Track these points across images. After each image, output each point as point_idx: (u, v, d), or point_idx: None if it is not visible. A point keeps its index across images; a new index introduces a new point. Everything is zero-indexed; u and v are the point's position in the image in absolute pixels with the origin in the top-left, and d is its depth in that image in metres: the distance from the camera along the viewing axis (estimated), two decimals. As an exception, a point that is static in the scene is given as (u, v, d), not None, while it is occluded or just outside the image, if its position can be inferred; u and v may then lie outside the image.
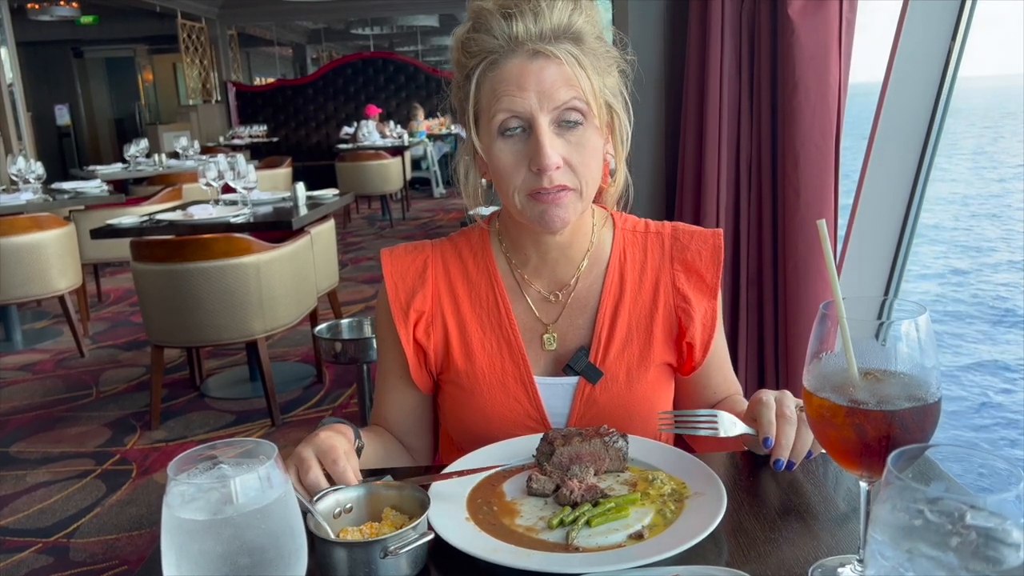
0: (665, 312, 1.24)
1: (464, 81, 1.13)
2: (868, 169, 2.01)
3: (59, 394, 4.29)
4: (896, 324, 0.75)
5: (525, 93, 1.06)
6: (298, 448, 1.01)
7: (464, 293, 1.26)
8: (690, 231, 1.28)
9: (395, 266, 1.27)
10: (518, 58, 1.07)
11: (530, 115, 1.07)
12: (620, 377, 1.22)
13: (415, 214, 10.22)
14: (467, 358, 1.23)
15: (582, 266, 1.25)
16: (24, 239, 4.50)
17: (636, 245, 1.28)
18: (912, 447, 0.59)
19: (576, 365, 1.22)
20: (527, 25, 1.07)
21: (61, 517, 2.97)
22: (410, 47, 18.83)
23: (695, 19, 2.03)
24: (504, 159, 1.10)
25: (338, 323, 2.38)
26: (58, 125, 14.87)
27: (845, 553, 0.86)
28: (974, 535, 0.53)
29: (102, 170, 7.24)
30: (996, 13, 4.22)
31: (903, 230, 2.06)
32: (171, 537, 0.67)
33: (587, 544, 0.89)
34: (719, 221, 2.07)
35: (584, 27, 1.09)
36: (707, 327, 1.24)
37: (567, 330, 1.25)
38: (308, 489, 0.96)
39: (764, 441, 1.02)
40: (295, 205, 4.18)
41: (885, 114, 1.96)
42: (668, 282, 1.25)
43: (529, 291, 1.26)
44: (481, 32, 1.09)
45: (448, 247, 1.29)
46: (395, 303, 1.24)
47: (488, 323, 1.24)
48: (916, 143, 1.98)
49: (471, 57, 1.11)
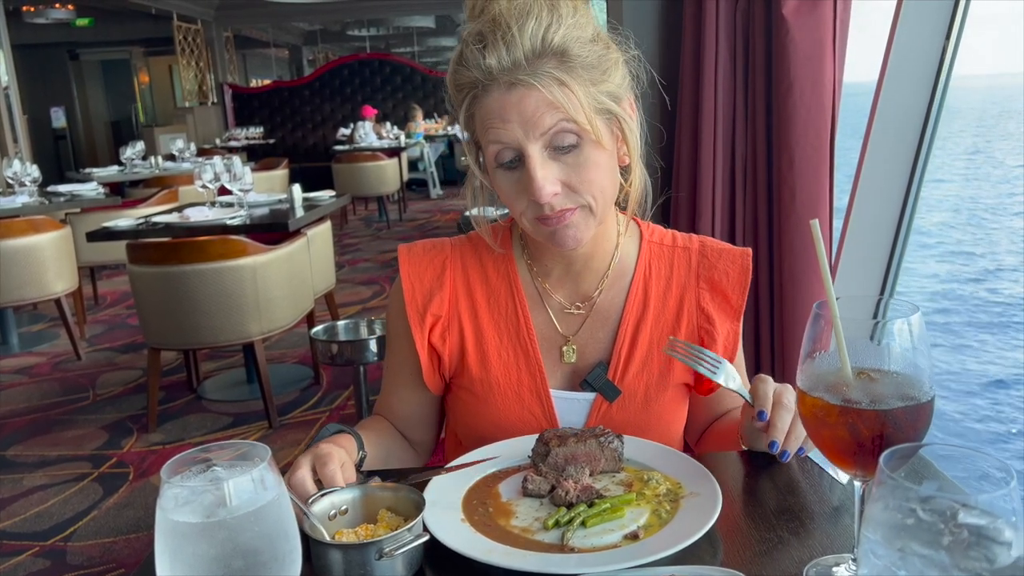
0: (687, 331, 1.22)
1: (460, 111, 1.10)
2: (863, 168, 2.02)
3: (56, 397, 4.29)
4: (889, 323, 0.75)
5: (508, 125, 1.02)
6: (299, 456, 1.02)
7: (483, 298, 1.22)
8: (718, 249, 1.25)
9: (413, 266, 1.23)
10: (497, 91, 1.03)
11: (518, 145, 1.03)
12: (638, 396, 1.20)
13: (412, 215, 10.22)
14: (482, 366, 1.21)
15: (606, 277, 1.22)
16: (20, 242, 4.50)
17: (663, 259, 1.24)
18: (904, 446, 0.60)
19: (594, 382, 1.19)
20: (499, 56, 1.01)
21: (58, 520, 2.96)
22: (406, 48, 18.83)
23: (689, 19, 2.03)
24: (506, 188, 1.08)
25: (335, 325, 2.38)
26: (54, 128, 14.84)
27: (840, 552, 0.86)
28: (966, 533, 0.53)
29: (98, 173, 7.24)
30: (990, 13, 4.25)
31: (898, 229, 2.06)
32: (165, 540, 0.67)
33: (583, 545, 0.89)
34: (714, 221, 2.08)
35: (566, 39, 1.03)
36: (728, 349, 1.22)
37: (587, 343, 1.22)
38: (294, 489, 0.95)
39: (759, 414, 1.02)
40: (291, 207, 4.18)
41: (880, 113, 1.96)
42: (693, 300, 1.22)
43: (550, 301, 1.23)
44: (463, 65, 1.05)
45: (468, 248, 1.25)
46: (411, 305, 1.21)
47: (506, 331, 1.21)
48: (911, 142, 1.99)
49: (459, 91, 1.08)
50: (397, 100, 12.71)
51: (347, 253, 7.94)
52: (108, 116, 16.28)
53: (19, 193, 5.30)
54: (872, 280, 2.11)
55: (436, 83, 12.79)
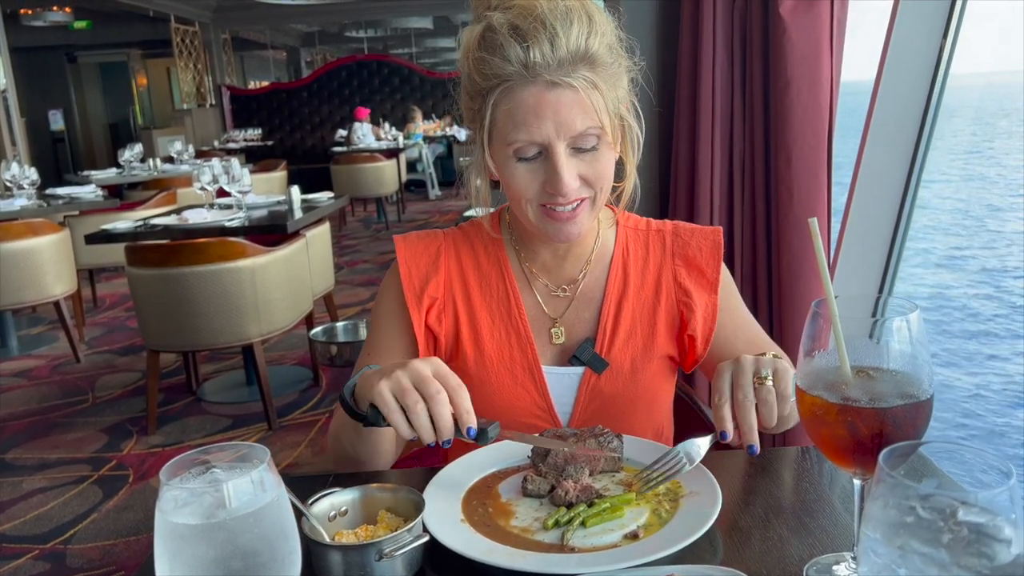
0: (667, 306, 1.27)
1: (479, 100, 1.11)
2: (861, 167, 2.02)
3: (55, 400, 4.28)
4: (888, 321, 0.75)
5: (543, 122, 1.06)
6: (395, 368, 0.98)
7: (475, 282, 1.28)
8: (690, 229, 1.31)
9: (409, 251, 1.28)
10: (535, 87, 1.06)
11: (547, 143, 1.08)
12: (625, 368, 1.25)
13: (411, 216, 10.22)
14: (476, 346, 1.25)
15: (589, 262, 1.28)
16: (19, 245, 4.49)
17: (639, 242, 1.31)
18: (903, 444, 0.60)
19: (582, 355, 1.24)
20: (543, 53, 1.04)
21: (58, 523, 2.96)
22: (404, 49, 18.82)
23: (687, 19, 2.03)
24: (519, 179, 1.12)
25: (333, 326, 2.38)
26: (52, 130, 14.83)
27: (840, 551, 0.86)
28: (965, 531, 0.53)
29: (96, 175, 7.23)
30: (988, 12, 4.25)
31: (897, 227, 2.06)
32: (164, 542, 0.67)
33: (582, 544, 0.89)
34: (713, 220, 2.08)
35: (599, 48, 1.07)
36: (708, 320, 1.26)
37: (573, 323, 1.28)
38: (440, 431, 0.94)
39: (721, 435, 0.99)
40: (290, 208, 4.18)
41: (878, 112, 1.96)
42: (670, 277, 1.28)
43: (537, 285, 1.28)
44: (495, 56, 1.06)
45: (460, 236, 1.31)
46: (408, 287, 1.26)
47: (498, 312, 1.26)
48: (909, 140, 1.99)
49: (485, 79, 1.09)
50: (395, 101, 12.71)
51: (346, 254, 7.94)
52: (106, 118, 16.27)
53: (17, 196, 5.29)
54: (871, 278, 2.11)
55: (434, 84, 12.79)
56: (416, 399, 0.95)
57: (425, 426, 0.95)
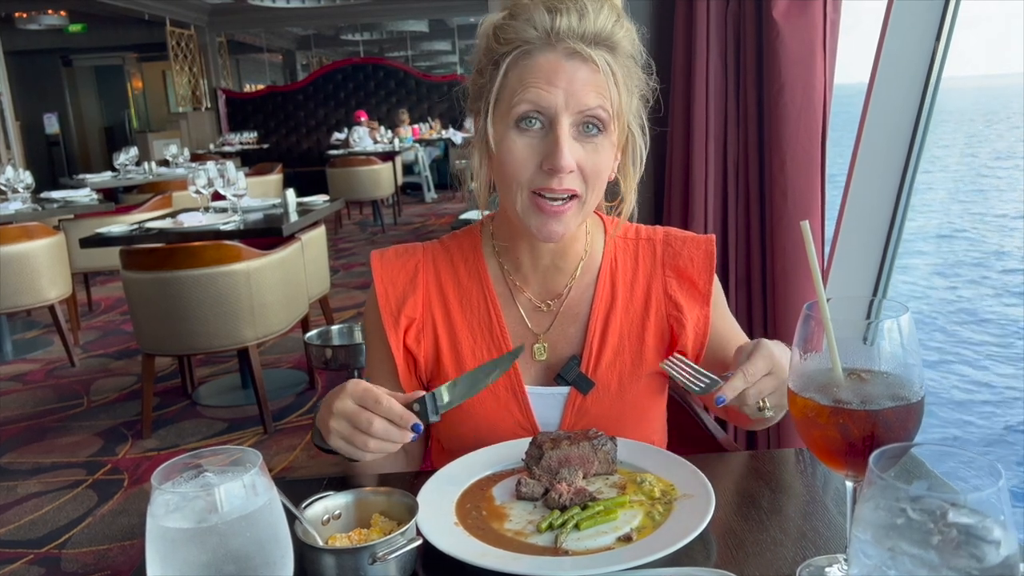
0: (657, 320, 1.23)
1: (491, 67, 1.11)
2: (855, 169, 2.02)
3: (50, 404, 4.27)
4: (879, 324, 0.76)
5: (554, 89, 1.05)
6: (329, 410, 1.00)
7: (455, 299, 1.24)
8: (682, 237, 1.27)
9: (385, 270, 1.25)
10: (554, 53, 1.06)
11: (554, 112, 1.06)
12: (612, 387, 1.21)
13: (407, 219, 10.21)
14: (458, 366, 1.22)
15: (574, 276, 1.24)
16: (13, 249, 4.48)
17: (627, 252, 1.26)
18: (894, 446, 0.60)
19: (567, 375, 1.20)
20: (570, 22, 1.05)
21: (53, 528, 2.95)
22: (400, 52, 18.83)
23: (680, 21, 2.03)
24: (516, 152, 1.08)
25: (328, 329, 2.38)
26: (47, 134, 14.81)
27: (833, 552, 0.86)
28: (955, 533, 0.53)
29: (92, 179, 7.22)
30: (981, 14, 4.26)
31: (890, 230, 2.07)
32: (156, 546, 0.66)
33: (576, 547, 0.89)
34: (707, 223, 2.08)
35: (622, 41, 1.09)
36: (699, 334, 1.23)
37: (558, 339, 1.23)
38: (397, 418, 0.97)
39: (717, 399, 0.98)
40: (285, 212, 4.18)
41: (871, 115, 1.97)
42: (660, 289, 1.24)
43: (520, 299, 1.24)
44: (519, 20, 1.07)
45: (439, 251, 1.27)
46: (385, 308, 1.23)
47: (479, 330, 1.23)
48: (902, 143, 1.99)
49: (503, 44, 1.09)
50: (391, 104, 12.72)
51: (341, 257, 7.94)
52: (101, 122, 16.26)
53: (12, 200, 5.28)
54: (865, 281, 2.12)
55: (430, 87, 12.81)
56: (364, 440, 0.98)
57: (384, 449, 1.00)
